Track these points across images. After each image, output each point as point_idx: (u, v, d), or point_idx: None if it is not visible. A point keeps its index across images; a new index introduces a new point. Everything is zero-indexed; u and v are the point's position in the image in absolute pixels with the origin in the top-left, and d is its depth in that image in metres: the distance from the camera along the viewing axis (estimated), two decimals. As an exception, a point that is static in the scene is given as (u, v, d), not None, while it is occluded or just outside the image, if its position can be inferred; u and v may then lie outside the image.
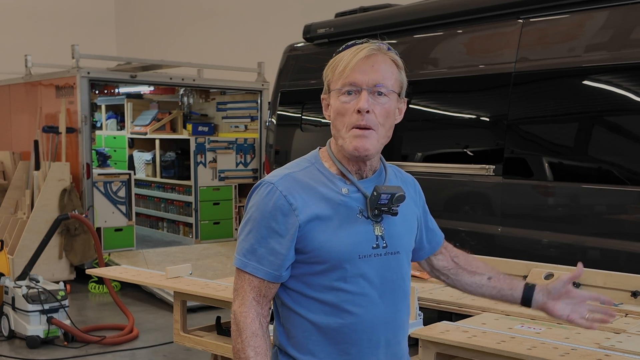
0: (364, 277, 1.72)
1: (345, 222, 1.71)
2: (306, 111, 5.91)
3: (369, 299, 1.72)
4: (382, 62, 1.72)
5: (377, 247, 1.73)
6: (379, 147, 1.74)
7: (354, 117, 1.69)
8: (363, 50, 1.71)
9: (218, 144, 8.92)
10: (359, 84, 1.69)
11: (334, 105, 1.76)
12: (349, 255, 1.70)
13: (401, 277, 1.79)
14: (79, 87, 7.58)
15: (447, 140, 4.85)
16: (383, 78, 1.70)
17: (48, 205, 7.29)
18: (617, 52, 3.86)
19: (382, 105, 1.70)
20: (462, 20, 4.74)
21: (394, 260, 1.77)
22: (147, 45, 12.25)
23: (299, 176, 1.74)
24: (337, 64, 1.76)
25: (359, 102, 1.68)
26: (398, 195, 1.72)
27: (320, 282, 1.71)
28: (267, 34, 9.91)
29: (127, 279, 3.74)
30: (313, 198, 1.71)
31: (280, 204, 1.69)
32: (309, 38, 5.84)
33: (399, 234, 1.78)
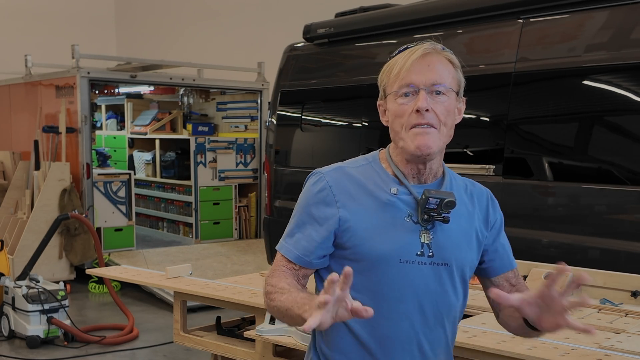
0: (403, 282, 1.66)
1: (389, 223, 1.67)
2: (306, 111, 5.90)
3: (406, 306, 1.67)
4: (438, 62, 1.69)
5: (422, 254, 1.67)
6: (441, 146, 1.68)
7: (412, 117, 1.65)
8: (418, 51, 1.69)
9: (218, 144, 8.92)
10: (416, 84, 1.66)
11: (391, 109, 1.71)
12: (389, 256, 1.65)
13: (447, 291, 1.70)
14: (79, 87, 7.58)
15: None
16: (440, 77, 1.67)
17: (48, 205, 7.29)
18: (617, 52, 3.86)
19: (442, 104, 1.66)
20: (462, 20, 4.74)
21: (441, 272, 1.69)
22: (147, 45, 12.25)
23: (351, 171, 1.74)
24: (391, 68, 1.72)
25: (417, 102, 1.64)
26: (447, 201, 1.65)
27: (359, 281, 1.61)
28: (267, 34, 9.91)
29: (127, 279, 3.74)
30: (360, 194, 1.69)
31: (324, 195, 1.71)
32: (309, 38, 5.84)
33: (451, 246, 1.69)
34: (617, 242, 3.79)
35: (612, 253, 3.78)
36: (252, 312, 3.22)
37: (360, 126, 5.45)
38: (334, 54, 5.75)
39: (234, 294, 3.20)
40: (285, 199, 5.99)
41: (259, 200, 8.96)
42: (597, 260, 3.72)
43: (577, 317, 2.71)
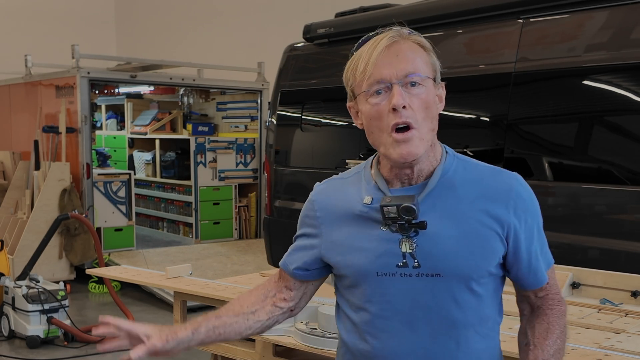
0: (386, 298, 1.51)
1: (363, 235, 1.54)
2: (306, 111, 5.91)
3: (393, 324, 1.52)
4: (408, 49, 1.50)
5: (405, 265, 1.50)
6: (427, 146, 1.51)
7: (390, 117, 1.47)
8: (382, 41, 1.50)
9: (218, 144, 8.92)
10: (387, 78, 1.47)
11: (364, 111, 1.52)
12: (365, 271, 1.52)
13: (444, 304, 1.50)
14: (79, 87, 7.58)
15: (447, 140, 4.84)
16: (413, 66, 1.48)
17: (48, 205, 7.29)
18: (617, 52, 3.86)
19: (419, 97, 1.48)
20: (462, 20, 4.74)
21: (432, 284, 1.49)
22: (147, 45, 12.25)
23: (338, 182, 1.65)
24: (356, 64, 1.53)
25: (392, 99, 1.46)
26: (403, 207, 1.47)
27: (350, 298, 1.58)
28: (267, 34, 9.91)
29: (127, 279, 3.74)
30: (339, 209, 1.59)
31: (307, 212, 1.66)
32: (309, 38, 5.84)
33: (443, 253, 1.49)
34: (617, 242, 3.79)
35: (612, 253, 3.78)
36: (252, 312, 3.22)
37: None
38: (334, 54, 5.75)
39: (234, 294, 3.20)
40: (285, 199, 5.99)
41: (259, 200, 8.96)
42: (597, 260, 3.72)
43: (577, 317, 2.72)
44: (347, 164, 5.27)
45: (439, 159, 1.57)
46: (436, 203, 1.52)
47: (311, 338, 2.65)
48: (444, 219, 1.50)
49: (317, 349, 2.64)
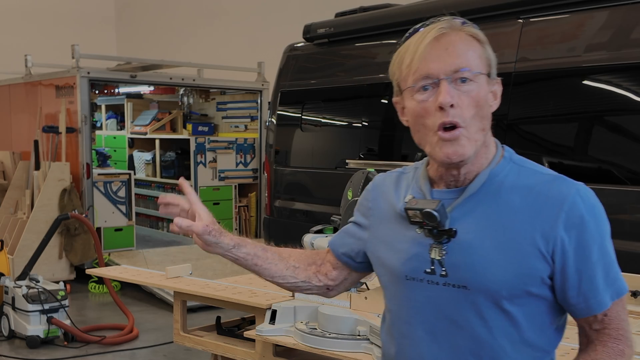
0: (412, 304, 1.45)
1: (399, 235, 1.48)
2: (306, 111, 5.91)
3: (416, 332, 1.44)
4: (459, 41, 1.39)
5: (432, 272, 1.41)
6: (476, 147, 1.39)
7: (436, 116, 1.36)
8: (431, 32, 1.40)
9: (218, 143, 8.92)
10: (435, 74, 1.36)
11: (410, 107, 1.42)
12: (397, 272, 1.47)
13: (469, 321, 1.38)
14: (79, 87, 7.58)
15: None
16: (464, 60, 1.37)
17: (48, 205, 7.28)
18: (617, 52, 3.86)
19: (469, 95, 1.37)
20: (462, 20, 4.73)
21: (458, 296, 1.38)
22: (147, 45, 12.25)
23: (396, 177, 1.58)
24: (402, 57, 1.43)
25: (439, 96, 1.35)
26: (424, 212, 1.39)
27: (386, 296, 1.56)
28: (267, 34, 9.91)
29: (127, 279, 3.74)
30: (386, 202, 1.55)
31: (363, 201, 1.64)
32: (309, 38, 5.84)
33: (472, 265, 1.37)
34: (617, 242, 3.77)
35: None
36: (252, 312, 3.22)
37: (360, 126, 5.45)
38: (334, 54, 5.75)
39: (234, 294, 3.19)
40: (285, 199, 6.00)
41: (259, 200, 8.96)
42: (597, 260, 3.71)
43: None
44: (347, 164, 5.28)
45: (490, 161, 1.44)
46: (476, 209, 1.40)
47: (311, 338, 2.65)
48: (481, 227, 1.38)
49: (317, 349, 2.64)
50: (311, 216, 5.54)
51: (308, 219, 5.47)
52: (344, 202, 2.79)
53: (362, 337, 2.58)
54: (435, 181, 1.48)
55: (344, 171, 5.24)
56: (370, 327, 2.55)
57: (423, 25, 1.45)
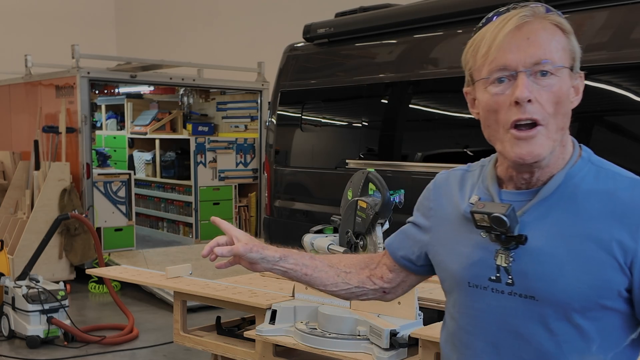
0: (474, 313, 1.36)
1: (463, 238, 1.39)
2: (306, 111, 5.90)
3: (478, 342, 1.36)
4: (541, 30, 1.27)
5: (498, 280, 1.31)
6: (553, 147, 1.28)
7: (511, 111, 1.26)
8: (512, 20, 1.27)
9: (218, 143, 8.92)
10: (513, 65, 1.26)
11: (482, 100, 1.32)
12: (459, 277, 1.38)
13: (536, 332, 1.28)
14: (79, 87, 7.58)
15: (447, 140, 4.85)
16: (545, 52, 1.26)
17: (48, 205, 7.28)
18: (617, 52, 3.86)
19: (550, 90, 1.26)
20: (462, 20, 4.74)
21: (525, 307, 1.29)
22: (147, 45, 12.25)
23: (460, 175, 1.48)
24: (477, 45, 1.32)
25: (515, 90, 1.25)
26: (493, 217, 1.28)
27: (447, 302, 1.48)
28: (267, 34, 9.91)
29: (127, 279, 3.74)
30: (449, 201, 1.46)
31: (423, 200, 1.55)
32: (309, 38, 5.84)
33: (543, 274, 1.27)
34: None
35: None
36: (252, 312, 3.22)
37: (360, 126, 5.45)
38: (334, 54, 5.75)
39: (234, 294, 3.20)
40: (285, 199, 5.99)
41: (259, 200, 8.96)
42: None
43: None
44: (347, 164, 5.28)
45: (566, 162, 1.33)
46: (549, 214, 1.30)
47: (311, 338, 2.65)
48: (553, 234, 1.28)
49: (317, 349, 2.64)
50: (311, 216, 5.54)
51: (308, 219, 5.47)
52: (344, 202, 2.78)
53: (362, 337, 2.58)
54: (504, 181, 1.37)
55: (344, 171, 5.24)
56: (370, 327, 2.56)
57: (503, 11, 1.32)
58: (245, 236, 1.55)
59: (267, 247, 1.55)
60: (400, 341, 2.45)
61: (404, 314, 2.59)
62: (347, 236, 2.69)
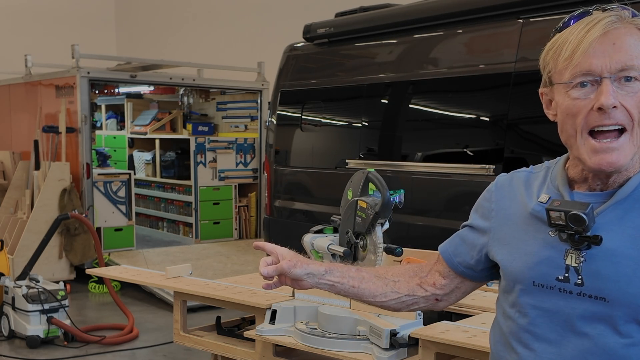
0: (537, 312, 1.33)
1: (529, 236, 1.36)
2: (306, 111, 5.90)
3: (540, 343, 1.33)
4: (628, 35, 1.25)
5: (566, 280, 1.29)
6: (635, 152, 1.27)
7: (592, 116, 1.25)
8: (598, 25, 1.25)
9: (218, 143, 8.93)
10: (597, 71, 1.24)
11: (561, 104, 1.30)
12: (522, 276, 1.35)
13: (604, 335, 1.26)
14: (79, 87, 7.58)
15: (447, 140, 4.85)
16: (632, 57, 1.23)
17: (48, 205, 7.29)
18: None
19: (635, 95, 1.24)
20: (462, 20, 4.74)
21: (594, 308, 1.26)
22: (147, 45, 12.25)
23: (524, 175, 1.48)
24: (560, 48, 1.30)
25: (600, 97, 1.23)
26: (572, 215, 1.25)
27: (503, 303, 1.43)
28: (267, 34, 9.91)
29: (127, 279, 3.74)
30: (514, 202, 1.44)
31: (487, 193, 1.51)
32: (309, 38, 5.84)
33: (615, 276, 1.25)
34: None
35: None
36: (252, 312, 3.22)
37: (360, 126, 5.45)
38: (334, 54, 5.75)
39: (234, 294, 3.20)
40: (285, 199, 5.99)
41: (259, 200, 8.96)
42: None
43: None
44: (347, 164, 5.28)
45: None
46: (624, 216, 1.28)
47: (311, 338, 2.65)
48: (627, 236, 1.26)
49: (317, 349, 2.64)
50: (311, 216, 5.54)
51: (308, 219, 5.47)
52: (344, 202, 2.78)
53: (362, 337, 2.58)
54: (575, 182, 1.36)
55: (344, 171, 5.24)
56: (370, 327, 2.56)
57: (586, 13, 1.32)
58: (289, 253, 1.54)
59: (312, 262, 1.53)
60: (400, 341, 2.45)
61: (404, 314, 2.59)
62: (347, 236, 2.68)
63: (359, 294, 1.55)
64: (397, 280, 1.56)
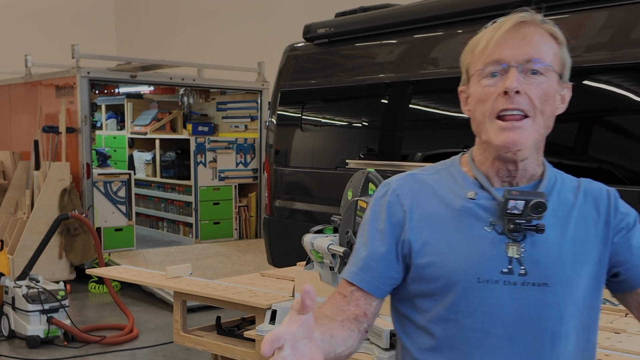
0: (486, 309, 1.33)
1: (465, 234, 1.35)
2: (306, 111, 5.90)
3: (490, 339, 1.33)
4: (537, 34, 1.36)
5: (510, 272, 1.32)
6: (535, 140, 1.34)
7: (499, 101, 1.32)
8: (510, 21, 1.38)
9: (218, 143, 8.93)
10: (507, 60, 1.33)
11: (474, 92, 1.38)
12: (464, 275, 1.33)
13: (550, 318, 1.33)
14: (79, 87, 7.58)
15: (447, 140, 4.85)
16: (538, 52, 1.33)
17: (48, 205, 7.29)
18: (617, 52, 3.86)
19: (539, 86, 1.32)
20: (462, 20, 4.74)
21: (538, 295, 1.32)
22: (147, 45, 12.25)
23: (423, 177, 1.45)
24: (477, 43, 1.40)
25: (506, 81, 1.31)
26: (535, 203, 1.31)
27: (431, 306, 1.37)
28: (267, 34, 9.91)
29: (127, 279, 3.74)
30: (432, 202, 1.40)
31: (390, 203, 1.42)
32: (309, 38, 5.84)
33: (553, 261, 1.33)
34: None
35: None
36: (252, 312, 3.22)
37: (360, 126, 5.45)
38: (334, 54, 5.75)
39: (234, 294, 3.20)
40: (285, 199, 5.99)
41: (259, 200, 8.97)
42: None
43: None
44: (347, 164, 5.28)
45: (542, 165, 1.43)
46: (549, 208, 1.36)
47: (311, 338, 2.65)
48: (551, 223, 1.35)
49: (317, 349, 2.63)
50: (311, 216, 5.54)
51: (308, 219, 5.47)
52: (344, 202, 2.78)
53: (362, 337, 2.57)
54: (489, 178, 1.40)
55: (344, 171, 5.24)
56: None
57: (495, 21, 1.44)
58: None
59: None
60: (400, 341, 2.45)
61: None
62: (347, 236, 2.68)
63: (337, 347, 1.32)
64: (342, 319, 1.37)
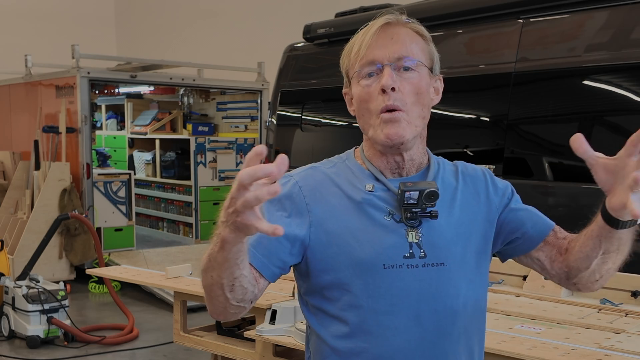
0: (394, 292, 1.42)
1: (368, 225, 1.44)
2: (306, 111, 5.90)
3: (399, 320, 1.43)
4: (404, 33, 1.48)
5: (412, 256, 1.43)
6: (416, 132, 1.46)
7: (379, 99, 1.42)
8: (376, 23, 1.47)
9: (218, 144, 8.93)
10: (380, 60, 1.43)
11: (356, 93, 1.48)
12: (370, 263, 1.42)
13: (449, 294, 1.45)
14: (79, 87, 7.58)
15: (447, 140, 4.85)
16: (407, 50, 1.45)
17: (48, 205, 7.29)
18: (617, 52, 3.86)
19: (411, 81, 1.44)
20: (462, 20, 4.74)
21: (437, 274, 1.44)
22: (147, 45, 12.25)
23: (323, 170, 1.51)
24: (351, 47, 1.50)
25: (381, 79, 1.42)
26: (428, 192, 1.42)
27: (341, 295, 1.44)
28: (267, 34, 9.91)
29: (127, 279, 3.74)
30: (333, 195, 1.47)
31: (292, 193, 1.46)
32: (309, 38, 5.84)
33: (446, 242, 1.46)
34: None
35: (612, 253, 3.77)
36: (252, 312, 3.22)
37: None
38: (334, 54, 5.73)
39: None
40: (285, 199, 6.00)
41: (259, 200, 8.95)
42: (597, 260, 3.71)
43: (577, 317, 2.72)
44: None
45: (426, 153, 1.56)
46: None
47: (311, 338, 2.65)
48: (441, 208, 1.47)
49: (317, 349, 2.64)
50: (311, 216, 5.54)
51: (308, 219, 5.47)
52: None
53: (362, 337, 2.57)
54: (380, 170, 1.50)
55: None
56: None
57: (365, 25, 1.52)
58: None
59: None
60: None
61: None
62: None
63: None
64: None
